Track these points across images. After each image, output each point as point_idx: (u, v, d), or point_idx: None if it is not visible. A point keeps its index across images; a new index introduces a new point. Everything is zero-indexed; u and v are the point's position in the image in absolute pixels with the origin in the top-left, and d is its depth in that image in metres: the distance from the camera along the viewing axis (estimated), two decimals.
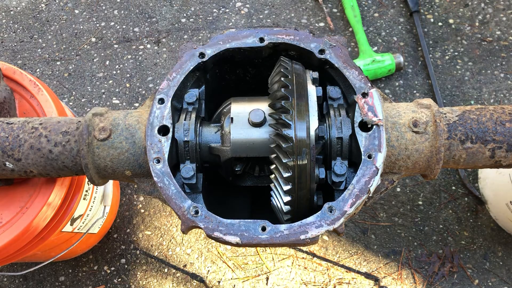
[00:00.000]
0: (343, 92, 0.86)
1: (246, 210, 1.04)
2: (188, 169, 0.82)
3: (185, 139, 0.81)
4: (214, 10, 1.91)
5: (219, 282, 1.50)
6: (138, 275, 1.52)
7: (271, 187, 0.78)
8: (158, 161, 0.78)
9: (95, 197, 1.25)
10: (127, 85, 1.80)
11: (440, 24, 1.84)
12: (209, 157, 0.85)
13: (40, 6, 1.98)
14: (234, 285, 1.49)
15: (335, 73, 0.85)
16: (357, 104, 0.79)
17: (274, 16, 1.87)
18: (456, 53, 1.78)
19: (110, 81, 1.81)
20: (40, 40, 1.91)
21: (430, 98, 0.86)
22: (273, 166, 0.75)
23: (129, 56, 1.85)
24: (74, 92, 1.80)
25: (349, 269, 1.50)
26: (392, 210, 1.57)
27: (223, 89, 0.98)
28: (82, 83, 1.81)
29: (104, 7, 1.96)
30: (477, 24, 1.83)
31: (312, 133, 0.73)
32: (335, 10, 1.89)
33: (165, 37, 1.87)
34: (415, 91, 1.73)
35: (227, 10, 1.90)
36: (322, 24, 1.86)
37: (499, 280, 1.47)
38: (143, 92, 1.78)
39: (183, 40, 1.85)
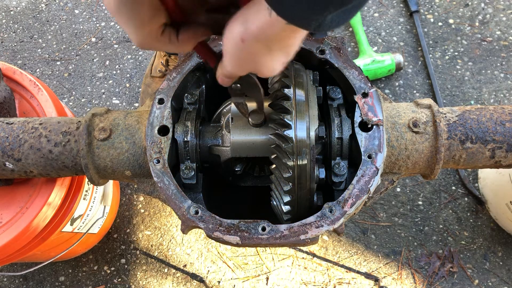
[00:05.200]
0: (343, 92, 0.86)
1: (246, 210, 1.04)
2: (188, 169, 0.82)
3: (185, 139, 0.81)
4: None
5: (219, 282, 1.50)
6: (138, 275, 1.52)
7: (271, 187, 0.78)
8: (158, 161, 0.78)
9: (95, 197, 1.25)
10: (127, 85, 1.80)
11: (440, 24, 1.84)
12: (209, 157, 0.85)
13: (40, 6, 1.98)
14: (234, 285, 1.49)
15: (335, 73, 0.85)
16: (357, 104, 0.79)
17: None
18: (456, 53, 1.78)
19: (110, 81, 1.81)
20: (40, 40, 1.91)
21: (430, 98, 0.86)
22: (273, 166, 0.75)
23: (129, 56, 1.85)
24: (74, 92, 1.80)
25: (349, 269, 1.50)
26: (392, 210, 1.57)
27: (223, 89, 0.98)
28: (82, 83, 1.81)
29: (104, 7, 1.96)
30: (477, 24, 1.83)
31: (312, 133, 0.74)
32: None
33: None
34: (415, 91, 1.73)
35: None
36: None
37: (499, 280, 1.47)
38: None
39: None
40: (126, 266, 1.53)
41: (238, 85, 0.69)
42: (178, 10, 0.51)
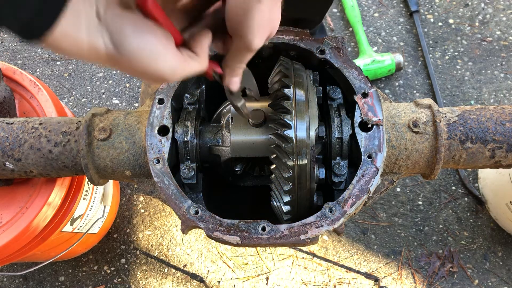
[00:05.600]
0: (343, 92, 0.86)
1: (246, 210, 1.04)
2: (188, 169, 0.82)
3: (185, 139, 0.81)
4: None
5: (219, 282, 1.50)
6: (138, 275, 1.52)
7: (271, 187, 0.78)
8: (158, 161, 0.78)
9: (95, 197, 1.25)
10: (127, 85, 1.80)
11: (440, 24, 1.84)
12: (209, 157, 0.85)
13: None
14: (234, 285, 1.49)
15: (335, 73, 0.85)
16: (357, 104, 0.79)
17: None
18: (456, 53, 1.78)
19: (110, 81, 1.81)
20: None
21: (430, 98, 0.86)
22: (273, 166, 0.75)
23: None
24: (74, 92, 1.80)
25: (349, 269, 1.50)
26: (392, 210, 1.57)
27: (223, 89, 0.98)
28: (82, 83, 1.81)
29: None
30: (477, 24, 1.83)
31: (312, 133, 0.74)
32: (335, 10, 1.89)
33: None
34: (415, 91, 1.73)
35: None
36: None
37: (499, 280, 1.47)
38: None
39: None
40: (126, 266, 1.53)
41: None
42: (177, 32, 0.50)
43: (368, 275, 1.49)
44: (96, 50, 0.43)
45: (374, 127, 0.77)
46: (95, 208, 1.28)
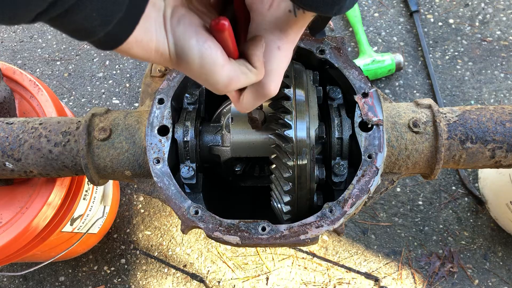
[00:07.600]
0: (343, 92, 0.86)
1: (246, 210, 1.04)
2: (188, 169, 0.82)
3: (185, 139, 0.81)
4: None
5: (219, 282, 1.50)
6: (138, 275, 1.52)
7: (271, 187, 0.78)
8: (158, 161, 0.78)
9: (95, 197, 1.25)
10: (127, 85, 1.80)
11: (440, 24, 1.84)
12: (209, 157, 0.85)
13: None
14: (234, 285, 1.49)
15: (335, 73, 0.85)
16: (357, 104, 0.79)
17: None
18: (456, 53, 1.78)
19: (110, 81, 1.81)
20: (40, 40, 1.91)
21: (430, 98, 0.86)
22: (273, 166, 0.75)
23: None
24: (74, 92, 1.80)
25: (349, 269, 1.50)
26: (392, 210, 1.57)
27: None
28: (82, 83, 1.81)
29: None
30: (477, 24, 1.83)
31: (312, 133, 0.73)
32: None
33: None
34: (415, 91, 1.73)
35: None
36: None
37: (499, 280, 1.47)
38: None
39: None
40: (126, 266, 1.53)
41: None
42: (236, 47, 0.48)
43: (368, 275, 1.49)
44: (162, 54, 0.44)
45: (374, 127, 0.77)
46: (95, 208, 1.27)
